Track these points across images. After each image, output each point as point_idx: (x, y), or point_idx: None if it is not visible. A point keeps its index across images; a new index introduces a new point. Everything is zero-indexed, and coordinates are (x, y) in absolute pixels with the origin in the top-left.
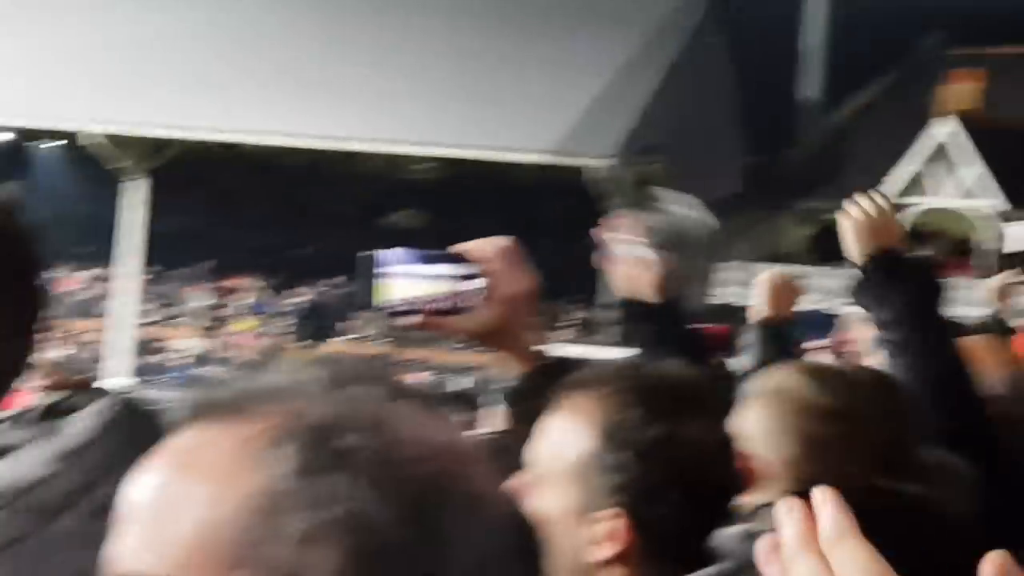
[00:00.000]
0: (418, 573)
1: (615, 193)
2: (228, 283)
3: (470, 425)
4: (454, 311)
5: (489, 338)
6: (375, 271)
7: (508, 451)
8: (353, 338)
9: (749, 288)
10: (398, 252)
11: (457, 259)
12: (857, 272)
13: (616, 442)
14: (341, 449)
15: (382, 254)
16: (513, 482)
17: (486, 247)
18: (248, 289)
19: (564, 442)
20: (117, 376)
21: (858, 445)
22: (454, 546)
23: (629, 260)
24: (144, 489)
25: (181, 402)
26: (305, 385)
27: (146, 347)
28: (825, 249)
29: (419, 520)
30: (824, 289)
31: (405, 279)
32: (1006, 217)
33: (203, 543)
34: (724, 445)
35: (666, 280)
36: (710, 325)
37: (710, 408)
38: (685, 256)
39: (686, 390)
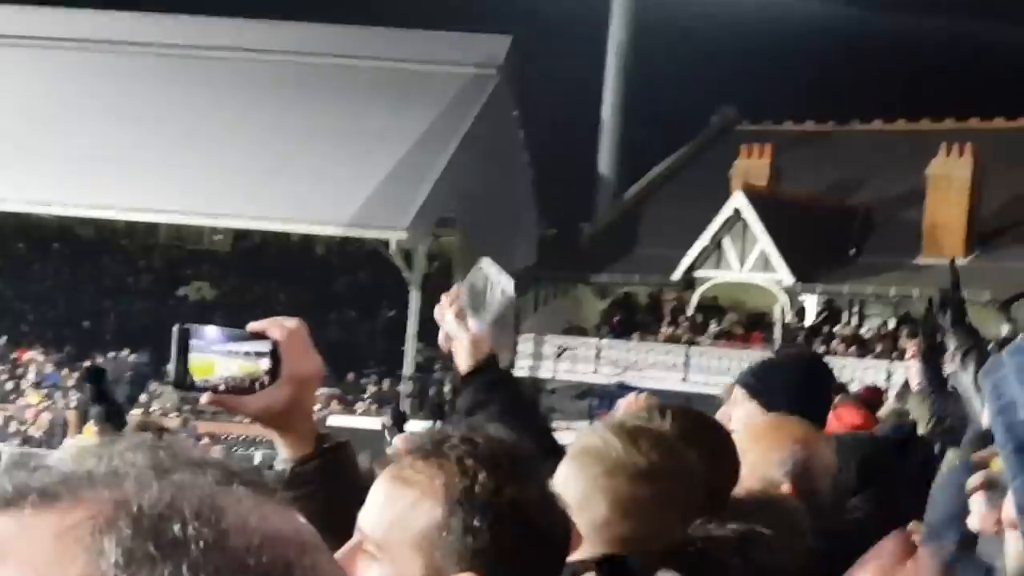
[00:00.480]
0: None
1: (412, 265)
2: (16, 355)
3: None
4: (247, 390)
5: (273, 419)
6: (187, 346)
7: None
8: (145, 411)
9: (544, 359)
10: (206, 328)
11: (255, 337)
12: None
13: (468, 508)
14: (169, 539)
15: (192, 329)
16: (341, 556)
17: (275, 326)
18: (36, 361)
19: (406, 511)
20: None
21: (671, 502)
22: None
23: (447, 332)
24: None
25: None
26: (130, 469)
27: None
28: (625, 321)
29: None
30: (617, 361)
31: (211, 355)
32: (791, 291)
33: None
34: (558, 501)
35: (474, 348)
36: None
37: (540, 468)
38: (496, 324)
39: (519, 453)
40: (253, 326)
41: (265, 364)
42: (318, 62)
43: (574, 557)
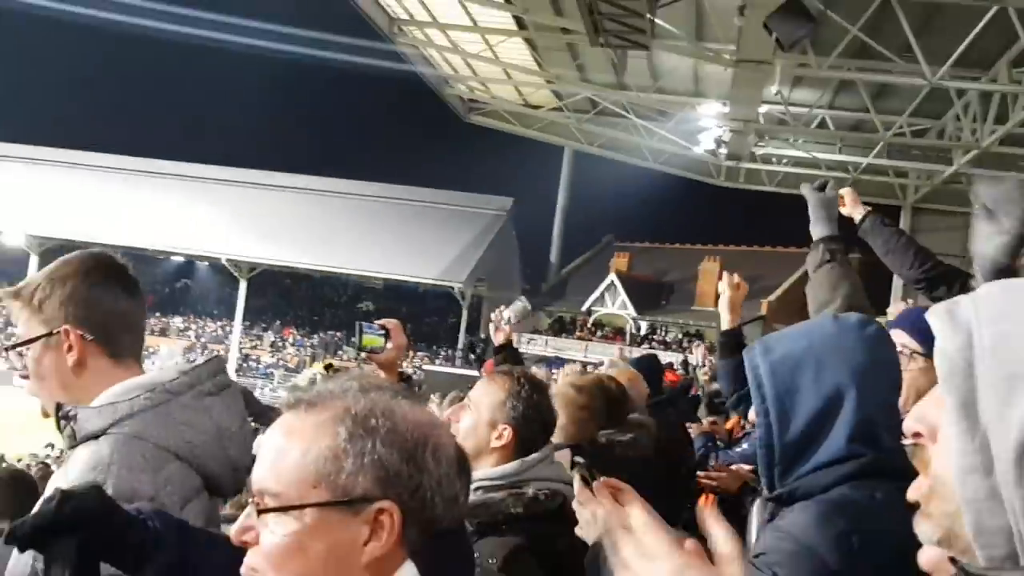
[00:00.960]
0: (411, 487)
1: (466, 299)
2: (284, 332)
3: None
4: (379, 352)
5: (385, 365)
6: (362, 331)
7: None
8: (342, 360)
9: (521, 344)
10: (369, 323)
11: (381, 326)
12: None
13: (515, 397)
14: (369, 427)
15: (364, 324)
16: (452, 411)
17: (388, 323)
18: (293, 334)
19: (488, 392)
20: None
21: (593, 419)
22: (431, 471)
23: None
24: (269, 442)
25: (283, 397)
26: (350, 390)
27: None
28: (558, 329)
29: (411, 460)
30: (555, 346)
31: (370, 335)
32: (635, 319)
33: (299, 472)
34: (552, 404)
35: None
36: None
37: (545, 385)
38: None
39: (542, 380)
40: (379, 322)
41: (383, 340)
42: (433, 207)
43: (554, 440)
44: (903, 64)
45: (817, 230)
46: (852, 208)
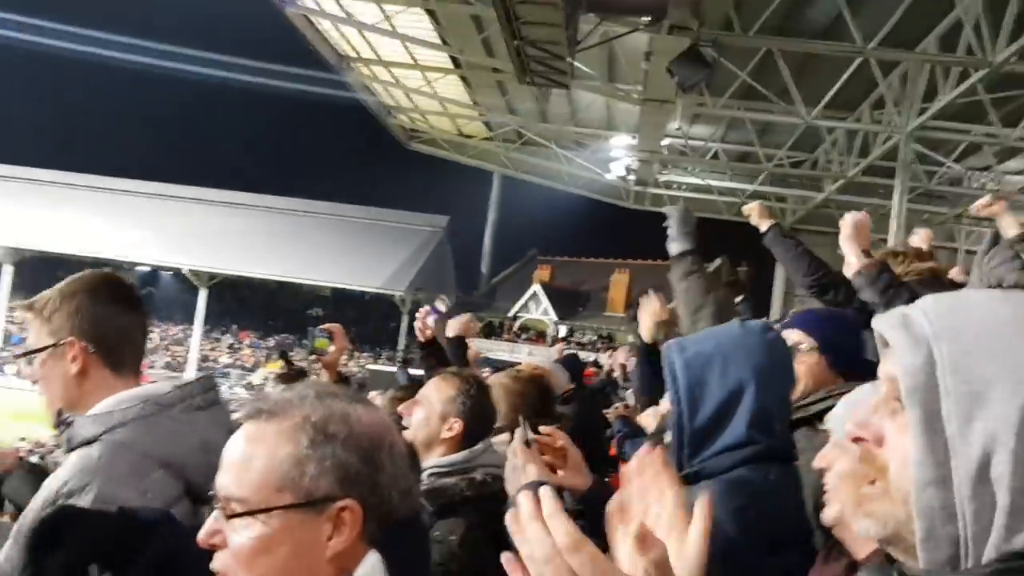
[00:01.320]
0: (370, 485)
1: (406, 306)
2: (240, 335)
3: None
4: (325, 354)
5: (329, 365)
6: (314, 335)
7: None
8: (299, 360)
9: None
10: (319, 327)
11: (327, 330)
12: None
13: (465, 395)
14: (329, 433)
15: (315, 329)
16: (405, 407)
17: (336, 328)
18: (249, 336)
19: (439, 390)
20: None
21: (526, 406)
22: (387, 469)
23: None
24: (232, 450)
25: (245, 404)
26: (307, 398)
27: None
28: (488, 332)
29: (367, 460)
30: (484, 348)
31: (320, 337)
32: (555, 323)
33: (263, 478)
34: (492, 400)
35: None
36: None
37: (489, 386)
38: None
39: (483, 380)
40: (324, 326)
41: (328, 342)
42: (378, 223)
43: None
44: (783, 105)
45: (678, 245)
46: (759, 220)
